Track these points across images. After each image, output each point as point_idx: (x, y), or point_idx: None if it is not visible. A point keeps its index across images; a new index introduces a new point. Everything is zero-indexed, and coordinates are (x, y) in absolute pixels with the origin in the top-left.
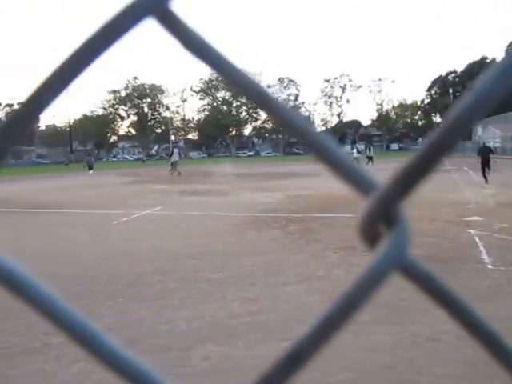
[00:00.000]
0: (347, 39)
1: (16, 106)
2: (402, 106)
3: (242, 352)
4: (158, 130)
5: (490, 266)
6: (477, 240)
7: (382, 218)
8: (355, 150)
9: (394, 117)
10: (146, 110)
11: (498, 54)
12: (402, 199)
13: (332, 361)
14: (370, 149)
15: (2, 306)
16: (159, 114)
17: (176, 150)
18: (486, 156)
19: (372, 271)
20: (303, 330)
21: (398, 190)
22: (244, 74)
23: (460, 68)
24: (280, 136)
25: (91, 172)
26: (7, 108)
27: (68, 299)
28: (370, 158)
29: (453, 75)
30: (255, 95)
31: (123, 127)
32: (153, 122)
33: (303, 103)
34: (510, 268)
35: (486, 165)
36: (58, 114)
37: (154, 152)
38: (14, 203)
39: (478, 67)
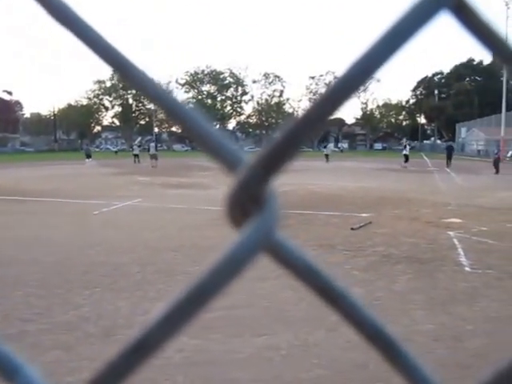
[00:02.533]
0: (334, 37)
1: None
2: (387, 106)
3: (216, 345)
4: (142, 122)
5: (467, 269)
6: (456, 242)
7: (249, 197)
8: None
9: (379, 116)
10: (130, 101)
11: (485, 57)
12: (270, 176)
13: (305, 357)
14: (325, 147)
15: None
16: (144, 105)
17: (152, 144)
18: (450, 152)
19: (233, 254)
20: (152, 317)
21: (265, 169)
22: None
23: (446, 69)
24: (264, 132)
25: (88, 160)
26: None
27: (46, 288)
28: (326, 156)
29: (439, 76)
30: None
31: (107, 118)
32: (137, 113)
33: (288, 99)
34: (487, 271)
35: (449, 158)
36: (43, 102)
37: (137, 143)
38: None
39: (464, 69)
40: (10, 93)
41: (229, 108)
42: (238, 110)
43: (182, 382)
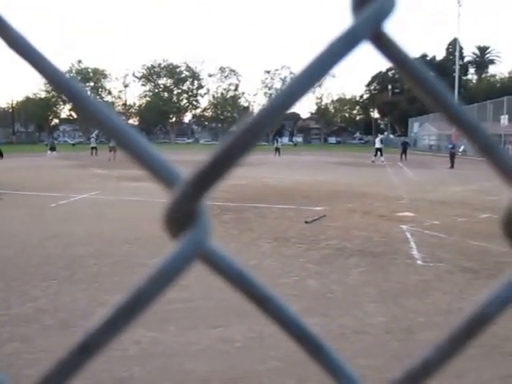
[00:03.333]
0: (289, 31)
1: None
2: (341, 101)
3: (173, 338)
4: None
5: (419, 262)
6: (408, 236)
7: (183, 213)
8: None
9: (333, 111)
10: (88, 93)
11: (439, 52)
12: (201, 196)
13: (261, 349)
14: (277, 140)
15: None
16: (101, 98)
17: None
18: (405, 147)
19: (169, 263)
20: (95, 321)
21: (197, 188)
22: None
23: None
24: (219, 125)
25: (50, 153)
26: None
27: (3, 280)
28: (277, 150)
29: (393, 72)
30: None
31: (65, 111)
32: None
33: (243, 93)
34: (439, 264)
35: (404, 152)
36: (1, 94)
37: (94, 136)
38: None
39: None
40: None
41: (185, 101)
42: (194, 103)
43: (139, 374)
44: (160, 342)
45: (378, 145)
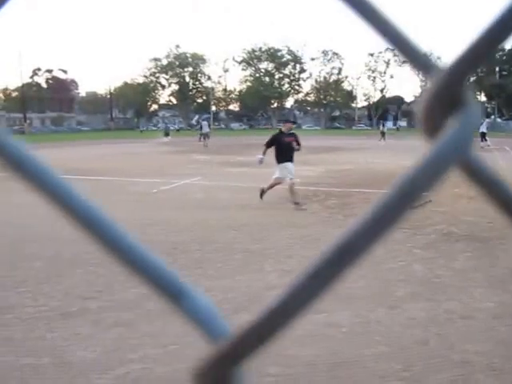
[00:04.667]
0: (394, 12)
1: (56, 72)
2: None
3: None
4: (199, 100)
5: None
6: None
7: (447, 102)
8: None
9: None
10: (187, 79)
11: None
12: (467, 78)
13: (367, 334)
14: (383, 124)
15: (41, 271)
16: (200, 83)
17: (205, 123)
18: None
19: (436, 157)
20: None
21: (465, 68)
22: None
23: (508, 46)
24: (322, 110)
25: (166, 139)
26: (47, 73)
27: (105, 266)
28: (382, 134)
29: (500, 53)
30: None
31: (164, 96)
32: (194, 91)
33: (346, 77)
34: None
35: None
36: (99, 80)
37: (194, 122)
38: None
39: None
40: (65, 71)
41: (287, 86)
42: (296, 87)
43: None
44: None
45: (482, 129)
